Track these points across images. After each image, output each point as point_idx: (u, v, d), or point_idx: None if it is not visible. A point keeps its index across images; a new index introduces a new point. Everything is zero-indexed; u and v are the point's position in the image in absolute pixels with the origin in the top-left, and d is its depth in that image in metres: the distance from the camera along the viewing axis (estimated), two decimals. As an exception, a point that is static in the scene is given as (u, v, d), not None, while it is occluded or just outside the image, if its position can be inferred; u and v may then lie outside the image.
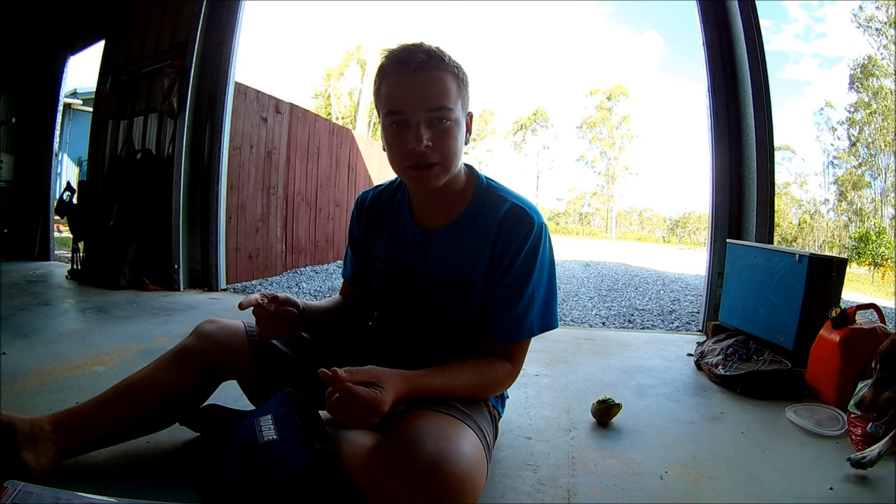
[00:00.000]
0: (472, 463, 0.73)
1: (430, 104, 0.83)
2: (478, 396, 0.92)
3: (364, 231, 1.06)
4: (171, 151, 3.20)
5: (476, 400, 0.92)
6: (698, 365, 1.85)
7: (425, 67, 0.83)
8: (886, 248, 13.41)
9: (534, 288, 0.91)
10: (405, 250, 0.99)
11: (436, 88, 0.84)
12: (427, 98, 0.83)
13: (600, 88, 32.01)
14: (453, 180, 0.92)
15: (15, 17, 3.88)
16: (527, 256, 0.90)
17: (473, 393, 0.90)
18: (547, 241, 0.93)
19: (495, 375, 0.92)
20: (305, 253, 5.15)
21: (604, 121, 31.66)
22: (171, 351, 0.99)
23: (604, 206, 33.85)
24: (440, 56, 0.85)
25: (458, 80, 0.87)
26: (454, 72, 0.86)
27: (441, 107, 0.84)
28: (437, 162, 0.85)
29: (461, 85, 0.88)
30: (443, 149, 0.85)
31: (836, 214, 22.22)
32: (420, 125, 0.83)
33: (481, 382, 0.90)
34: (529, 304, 0.91)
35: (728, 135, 2.59)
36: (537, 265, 0.91)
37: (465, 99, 0.90)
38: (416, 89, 0.83)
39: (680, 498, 0.98)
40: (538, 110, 33.22)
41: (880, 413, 1.13)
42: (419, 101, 0.83)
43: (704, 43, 2.63)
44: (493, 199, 0.94)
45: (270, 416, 0.87)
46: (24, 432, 0.85)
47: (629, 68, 44.34)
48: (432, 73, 0.84)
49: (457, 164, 0.90)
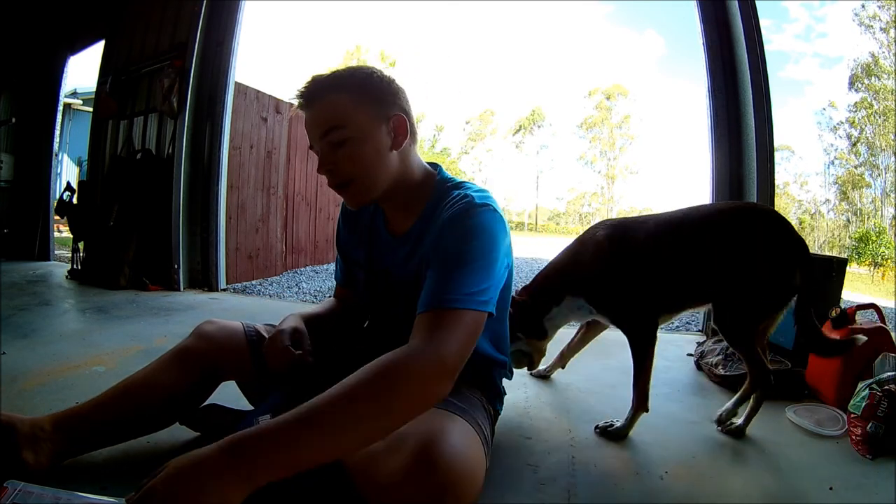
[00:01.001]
0: (470, 458, 0.72)
1: (321, 130, 0.85)
2: (381, 411, 0.64)
3: (347, 233, 1.09)
4: (171, 151, 3.20)
5: (468, 394, 0.90)
6: (698, 365, 1.85)
7: (313, 99, 0.85)
8: (886, 248, 13.42)
9: (466, 259, 0.78)
10: (381, 255, 1.01)
11: (325, 114, 0.85)
12: (318, 126, 0.86)
13: (599, 88, 32.04)
14: (404, 185, 0.92)
15: (15, 17, 3.88)
16: (455, 226, 0.82)
17: (370, 401, 0.64)
18: (484, 218, 0.82)
19: (387, 361, 0.67)
20: (305, 253, 5.15)
21: (604, 121, 31.66)
22: (171, 351, 1.00)
23: (604, 207, 33.85)
24: (326, 81, 0.86)
25: (357, 92, 0.85)
26: (346, 85, 0.86)
27: (330, 129, 0.85)
28: (350, 179, 0.87)
29: (362, 94, 0.86)
30: (349, 166, 0.86)
31: (837, 214, 22.24)
32: (321, 153, 0.86)
33: (369, 381, 0.65)
34: (454, 274, 0.77)
35: (728, 135, 2.59)
36: (463, 234, 0.80)
37: (377, 105, 0.86)
38: (310, 122, 0.87)
39: (680, 498, 0.98)
40: (535, 110, 33.23)
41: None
42: (315, 133, 0.86)
43: (704, 43, 2.63)
44: (447, 193, 0.91)
45: (270, 416, 0.87)
46: (24, 432, 0.86)
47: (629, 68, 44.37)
48: (319, 102, 0.85)
49: (383, 173, 0.88)
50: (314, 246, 5.32)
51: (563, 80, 45.92)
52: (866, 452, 1.17)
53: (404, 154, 0.91)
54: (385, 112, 0.87)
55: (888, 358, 1.37)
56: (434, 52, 49.05)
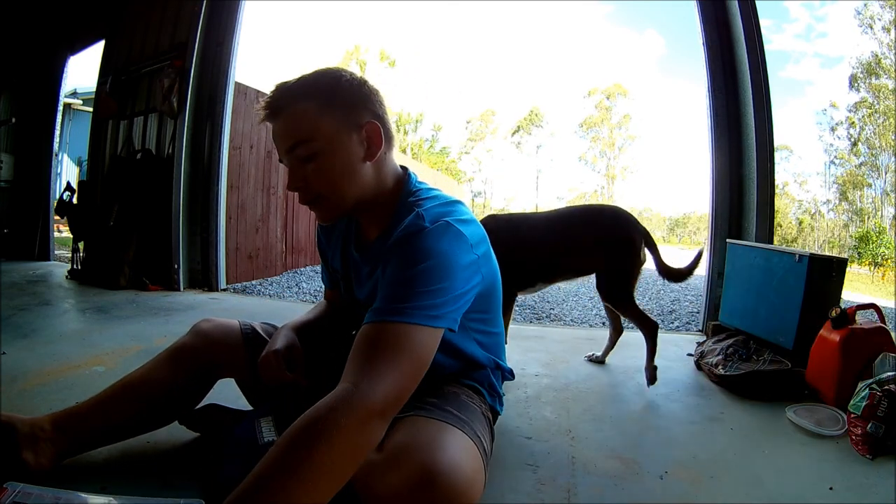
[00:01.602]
0: (468, 473, 0.70)
1: (286, 145, 0.80)
2: (314, 476, 0.59)
3: (326, 241, 1.07)
4: (171, 151, 3.20)
5: (467, 401, 0.87)
6: (698, 365, 1.85)
7: (279, 109, 0.80)
8: (887, 248, 13.42)
9: (414, 283, 0.71)
10: (351, 268, 0.99)
11: (291, 126, 0.79)
12: (284, 139, 0.80)
13: (598, 88, 32.04)
14: (379, 196, 0.86)
15: (15, 17, 3.88)
16: (406, 250, 0.74)
17: (300, 476, 0.58)
18: (437, 238, 0.75)
19: (311, 423, 0.60)
20: (305, 253, 5.15)
21: (603, 121, 31.67)
22: (168, 349, 1.01)
23: (604, 207, 33.76)
24: (292, 89, 0.80)
25: (324, 99, 0.79)
26: (312, 93, 0.79)
27: (295, 144, 0.79)
28: (319, 195, 0.82)
29: (329, 101, 0.79)
30: (318, 182, 0.80)
31: (837, 214, 22.24)
32: (290, 168, 0.82)
33: (292, 452, 0.59)
34: (403, 289, 0.71)
35: (728, 135, 2.59)
36: (418, 260, 0.73)
37: (347, 112, 0.80)
38: (277, 135, 0.82)
39: (680, 498, 0.98)
40: (533, 110, 33.22)
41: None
42: (282, 147, 0.81)
43: (704, 43, 2.63)
44: (407, 210, 0.82)
45: (271, 418, 0.88)
46: (24, 432, 0.86)
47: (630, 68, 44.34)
48: (285, 113, 0.80)
49: (355, 187, 0.82)
50: (314, 246, 5.31)
51: (565, 80, 45.90)
52: (866, 452, 1.17)
53: (379, 163, 0.85)
54: (356, 120, 0.81)
55: (888, 358, 1.37)
56: (434, 52, 49.01)
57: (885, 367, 1.35)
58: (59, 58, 4.25)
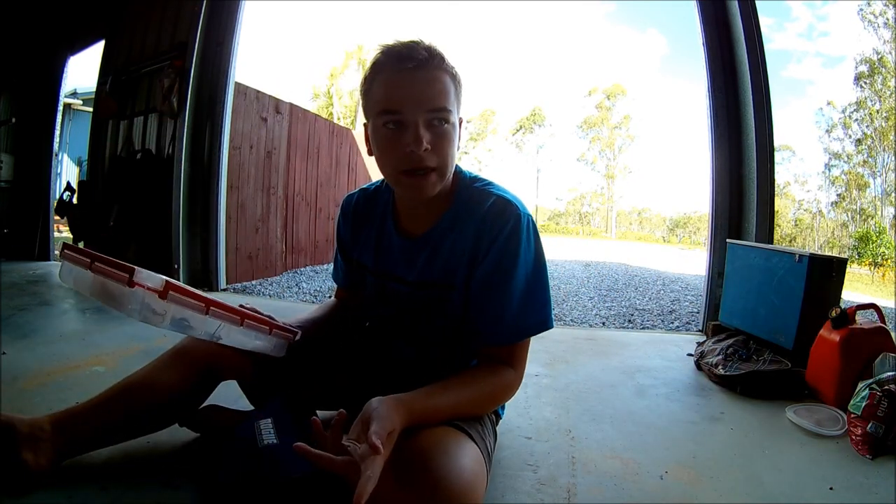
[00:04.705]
0: (472, 478, 0.71)
1: (431, 105, 0.79)
2: (485, 410, 0.88)
3: (352, 234, 1.04)
4: (171, 151, 3.20)
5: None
6: (698, 365, 1.85)
7: (426, 66, 0.79)
8: (887, 248, 13.42)
9: (526, 283, 0.86)
10: (392, 260, 0.97)
11: (437, 88, 0.79)
12: (428, 98, 0.79)
13: (598, 88, 32.03)
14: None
15: (15, 17, 3.88)
16: (510, 247, 0.84)
17: (481, 407, 0.86)
18: (532, 233, 0.87)
19: (500, 383, 0.86)
20: (305, 253, 5.15)
21: (603, 121, 31.66)
22: (170, 351, 1.00)
23: (604, 206, 33.86)
24: (441, 55, 0.81)
25: (456, 83, 0.84)
26: (452, 73, 0.83)
27: (442, 108, 0.80)
28: (433, 167, 0.81)
29: (458, 88, 0.84)
30: (441, 153, 0.81)
31: (837, 214, 22.24)
32: (419, 126, 0.78)
33: (487, 394, 0.85)
34: (524, 302, 0.86)
35: (728, 135, 2.59)
36: (521, 256, 0.85)
37: (460, 103, 0.86)
38: (418, 88, 0.78)
39: (680, 498, 0.98)
40: (535, 110, 33.23)
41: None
42: (420, 101, 0.78)
43: (704, 43, 2.63)
44: (477, 194, 0.89)
45: (271, 420, 0.88)
46: (24, 432, 0.85)
47: (631, 68, 44.36)
48: (433, 73, 0.80)
49: (451, 172, 0.86)
50: (314, 246, 5.32)
51: (565, 80, 45.98)
52: (866, 452, 1.17)
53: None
54: (460, 112, 0.86)
55: (888, 358, 1.37)
56: (434, 51, 48.77)
57: (885, 367, 1.35)
58: (59, 58, 4.24)
